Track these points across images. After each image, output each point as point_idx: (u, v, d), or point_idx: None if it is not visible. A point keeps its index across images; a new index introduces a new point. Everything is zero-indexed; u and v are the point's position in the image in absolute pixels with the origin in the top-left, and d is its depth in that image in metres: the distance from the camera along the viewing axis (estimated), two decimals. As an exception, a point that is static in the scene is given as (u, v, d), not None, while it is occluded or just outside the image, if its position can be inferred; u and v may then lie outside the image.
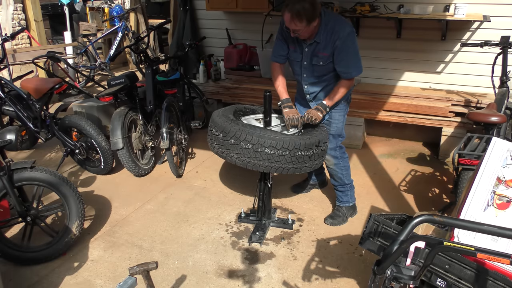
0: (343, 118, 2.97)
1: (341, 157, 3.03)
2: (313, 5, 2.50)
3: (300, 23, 2.53)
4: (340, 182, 3.10)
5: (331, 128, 2.94)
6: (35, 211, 2.73)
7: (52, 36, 9.41)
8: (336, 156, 3.00)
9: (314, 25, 2.59)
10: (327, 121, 2.95)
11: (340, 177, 3.07)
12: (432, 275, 1.60)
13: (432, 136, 4.36)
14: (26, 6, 6.58)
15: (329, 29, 2.64)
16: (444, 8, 4.34)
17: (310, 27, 2.58)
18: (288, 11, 2.53)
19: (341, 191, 3.13)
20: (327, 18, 2.66)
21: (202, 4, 5.49)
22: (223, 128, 2.58)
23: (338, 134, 2.98)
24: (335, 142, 2.98)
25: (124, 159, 3.65)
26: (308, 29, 2.59)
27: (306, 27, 2.56)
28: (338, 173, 3.06)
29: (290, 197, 3.49)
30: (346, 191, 3.13)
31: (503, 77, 3.45)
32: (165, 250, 2.84)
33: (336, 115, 2.93)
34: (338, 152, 3.01)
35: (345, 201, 3.15)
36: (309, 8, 2.49)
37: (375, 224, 1.80)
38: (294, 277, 2.57)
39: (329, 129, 2.93)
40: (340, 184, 3.11)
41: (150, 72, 3.92)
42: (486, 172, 1.74)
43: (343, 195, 3.14)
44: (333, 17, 2.70)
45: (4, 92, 3.95)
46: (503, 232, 1.17)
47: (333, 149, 2.98)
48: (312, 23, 2.56)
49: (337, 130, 2.96)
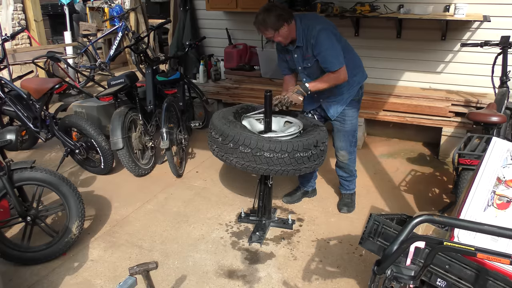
0: (356, 114, 3.05)
1: (354, 151, 3.15)
2: (276, 15, 2.65)
3: (267, 31, 2.71)
4: (350, 173, 3.24)
5: (346, 125, 3.02)
6: (35, 211, 2.73)
7: (52, 36, 9.42)
8: (350, 151, 3.11)
9: (285, 31, 2.71)
10: (341, 118, 3.01)
11: (351, 170, 3.21)
12: (432, 275, 1.60)
13: (432, 136, 4.36)
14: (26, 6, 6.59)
15: (306, 31, 2.76)
16: (444, 8, 4.34)
17: (281, 33, 2.71)
18: (254, 23, 2.75)
19: (348, 181, 3.28)
20: (303, 21, 2.77)
21: (202, 4, 5.49)
22: (222, 132, 2.58)
23: (354, 130, 3.07)
24: (351, 138, 3.08)
25: (124, 159, 3.65)
26: (280, 35, 2.73)
27: (276, 34, 2.71)
28: (350, 166, 3.19)
29: (290, 197, 3.49)
30: (353, 180, 3.29)
31: (503, 77, 3.45)
32: (165, 250, 2.84)
33: (349, 112, 3.00)
34: (353, 147, 3.11)
35: (351, 188, 3.31)
36: (271, 19, 2.65)
37: (375, 224, 1.80)
38: (294, 277, 2.57)
39: (344, 126, 3.01)
40: (350, 175, 3.24)
41: (150, 72, 3.92)
42: (486, 172, 1.74)
43: (349, 184, 3.29)
44: (309, 18, 2.82)
45: (4, 92, 3.95)
46: (503, 232, 1.17)
47: (349, 145, 3.08)
48: (280, 29, 2.70)
49: (352, 126, 3.05)
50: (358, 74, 2.97)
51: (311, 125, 2.85)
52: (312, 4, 4.73)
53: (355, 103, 3.03)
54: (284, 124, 3.02)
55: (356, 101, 3.03)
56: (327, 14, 4.47)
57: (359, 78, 2.98)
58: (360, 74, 3.00)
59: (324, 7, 4.50)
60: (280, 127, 3.01)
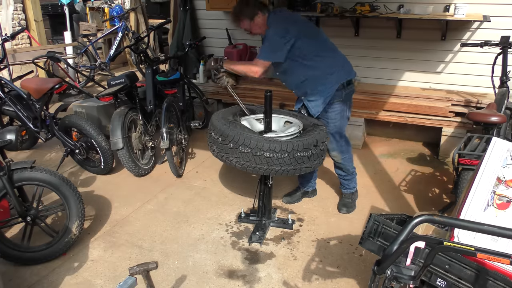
0: (339, 116, 3.02)
1: (346, 150, 3.15)
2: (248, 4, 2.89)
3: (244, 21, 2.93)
4: (347, 172, 3.24)
5: (329, 127, 3.01)
6: (35, 211, 2.73)
7: (52, 36, 9.41)
8: (342, 150, 3.12)
9: (259, 20, 2.90)
10: (324, 121, 3.01)
11: (348, 168, 3.22)
12: (432, 275, 1.60)
13: (432, 136, 4.36)
14: (26, 6, 6.59)
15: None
16: (444, 8, 4.34)
17: (255, 22, 2.90)
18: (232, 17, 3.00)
19: (347, 180, 3.28)
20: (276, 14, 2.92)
21: (202, 4, 5.49)
22: (221, 132, 2.58)
23: (338, 132, 3.07)
24: (338, 138, 3.09)
25: (124, 159, 3.65)
26: (255, 25, 2.92)
27: (252, 23, 2.91)
28: (346, 165, 3.20)
29: (290, 197, 3.49)
30: (352, 178, 3.29)
31: (503, 77, 3.45)
32: (165, 250, 2.84)
33: (332, 114, 3.00)
34: (344, 146, 3.12)
35: (351, 187, 3.31)
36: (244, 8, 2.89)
37: (375, 224, 1.80)
38: (294, 277, 2.57)
39: (328, 128, 3.00)
40: (348, 174, 3.25)
41: (150, 72, 3.92)
42: (486, 172, 1.74)
43: (349, 183, 3.30)
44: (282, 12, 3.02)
45: (4, 92, 3.95)
46: (503, 232, 1.17)
47: (339, 145, 3.09)
48: (254, 18, 2.89)
49: (335, 128, 3.05)
50: (335, 73, 2.91)
51: (311, 125, 2.86)
52: (312, 4, 4.73)
53: (339, 104, 2.97)
54: (284, 124, 3.03)
55: (339, 102, 2.96)
56: (327, 14, 4.48)
57: (337, 78, 2.91)
58: (338, 74, 2.92)
59: (324, 7, 4.50)
60: (280, 127, 3.01)
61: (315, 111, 2.99)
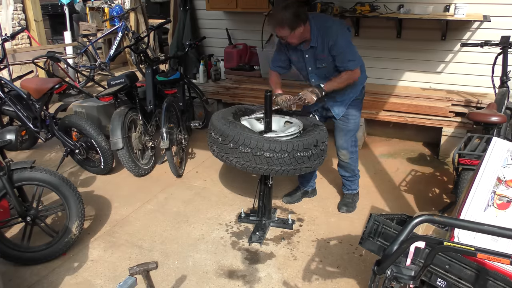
0: (359, 113, 3.06)
1: (355, 150, 3.15)
2: (294, 14, 2.60)
3: (284, 30, 2.65)
4: (352, 173, 3.23)
5: (349, 124, 3.02)
6: (35, 211, 2.73)
7: (52, 36, 9.41)
8: (352, 150, 3.11)
9: (300, 31, 2.67)
10: (345, 118, 3.01)
11: (353, 169, 3.21)
12: (432, 275, 1.60)
13: (432, 136, 4.36)
14: (26, 6, 6.59)
15: (321, 32, 2.74)
16: (444, 8, 4.34)
17: (296, 33, 2.67)
18: (271, 20, 2.72)
19: (350, 181, 3.27)
20: (316, 21, 2.75)
21: (202, 4, 5.49)
22: (221, 132, 2.58)
23: (356, 129, 3.09)
24: (353, 137, 3.08)
25: (124, 159, 3.65)
26: (294, 35, 2.68)
27: (291, 34, 2.66)
28: (352, 166, 3.19)
29: (290, 197, 3.49)
30: (355, 180, 3.29)
31: (503, 77, 3.45)
32: (165, 250, 2.83)
33: (352, 111, 3.01)
34: (354, 146, 3.12)
35: (353, 188, 3.31)
36: (289, 17, 2.59)
37: (375, 224, 1.80)
38: (294, 277, 2.57)
39: (348, 125, 3.02)
40: (352, 175, 3.24)
41: (150, 72, 3.92)
42: (486, 172, 1.74)
43: (352, 184, 3.30)
44: (322, 19, 2.80)
45: (4, 92, 3.95)
46: (503, 232, 1.17)
47: (351, 144, 3.09)
48: (296, 29, 2.65)
49: (355, 125, 3.06)
50: (362, 74, 2.96)
51: (311, 125, 2.85)
52: (312, 4, 4.72)
53: (358, 102, 3.04)
54: (284, 124, 3.02)
55: (359, 100, 3.04)
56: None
57: (362, 78, 2.98)
58: (363, 74, 3.00)
59: (324, 7, 4.50)
60: (280, 127, 3.01)
61: (339, 111, 3.00)
